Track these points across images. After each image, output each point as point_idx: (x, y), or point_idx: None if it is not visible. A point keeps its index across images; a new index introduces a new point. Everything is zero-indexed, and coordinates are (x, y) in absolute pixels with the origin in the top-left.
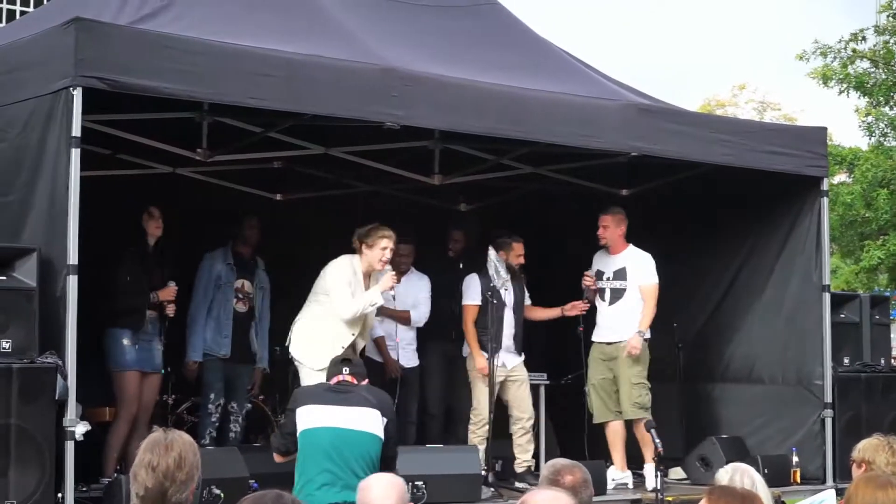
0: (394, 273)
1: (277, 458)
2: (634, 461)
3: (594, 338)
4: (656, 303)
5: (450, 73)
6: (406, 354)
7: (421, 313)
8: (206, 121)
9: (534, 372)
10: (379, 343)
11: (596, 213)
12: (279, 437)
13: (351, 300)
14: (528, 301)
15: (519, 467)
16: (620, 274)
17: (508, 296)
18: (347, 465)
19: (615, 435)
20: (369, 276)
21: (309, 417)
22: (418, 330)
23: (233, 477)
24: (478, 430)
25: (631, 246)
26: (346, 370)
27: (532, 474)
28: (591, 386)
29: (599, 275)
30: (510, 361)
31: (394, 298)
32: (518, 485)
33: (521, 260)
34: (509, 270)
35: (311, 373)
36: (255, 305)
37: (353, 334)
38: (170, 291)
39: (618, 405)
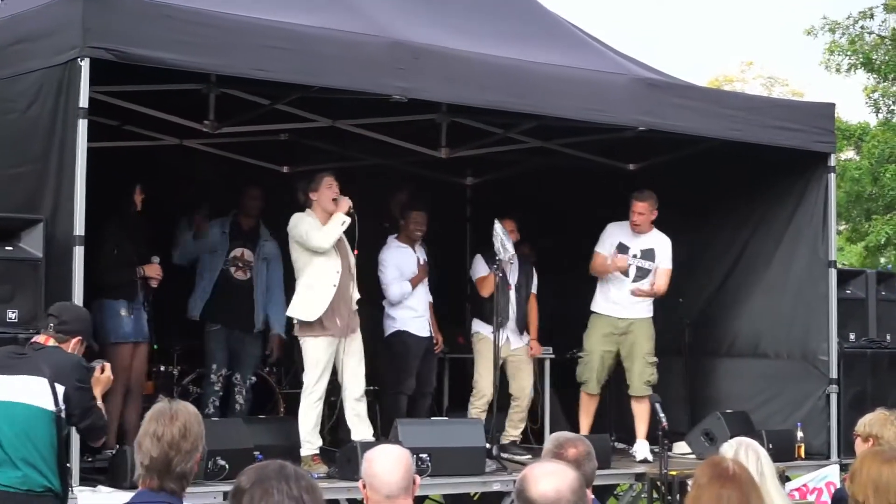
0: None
1: None
2: (629, 437)
3: (603, 311)
4: None
5: (458, 47)
6: (424, 324)
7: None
8: (213, 93)
9: (540, 347)
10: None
11: (602, 187)
12: None
13: (318, 231)
14: (534, 289)
15: (505, 439)
16: (649, 254)
17: (512, 277)
18: (9, 442)
19: (593, 404)
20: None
21: None
22: None
23: (237, 448)
24: (476, 403)
25: (654, 228)
26: (51, 325)
27: (517, 447)
28: (589, 357)
29: (623, 248)
30: (514, 342)
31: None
32: (503, 455)
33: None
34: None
35: (313, 341)
36: (257, 275)
37: (337, 271)
38: (154, 268)
39: (606, 379)
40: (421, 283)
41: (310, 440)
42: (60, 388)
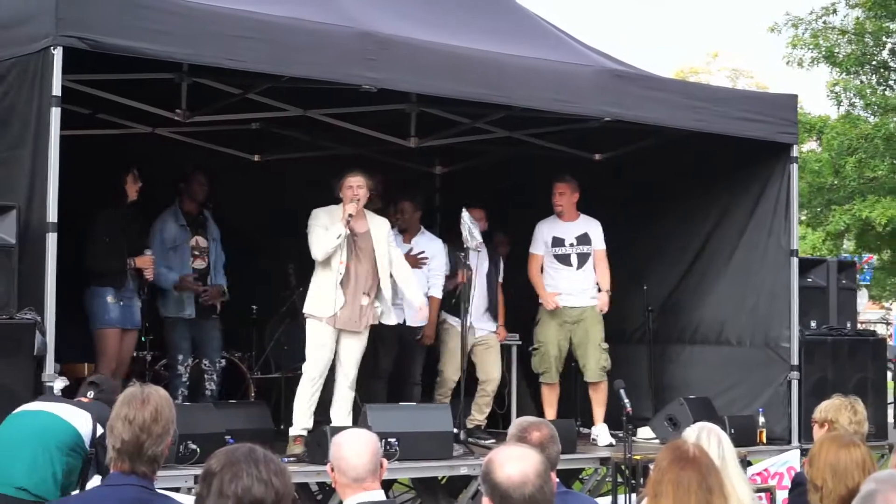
0: (354, 203)
1: None
2: (587, 422)
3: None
4: None
5: (427, 38)
6: (398, 312)
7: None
8: (185, 82)
9: (507, 333)
10: (431, 301)
11: (567, 175)
12: None
13: (318, 240)
14: (500, 278)
15: (470, 423)
16: (584, 239)
17: (481, 264)
18: (31, 446)
19: (555, 394)
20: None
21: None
22: None
23: (209, 432)
24: (440, 391)
25: (581, 213)
26: (90, 393)
27: (482, 431)
28: (546, 348)
29: (558, 242)
30: (479, 329)
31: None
32: (469, 439)
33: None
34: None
35: (317, 324)
36: (212, 260)
37: (340, 272)
38: (146, 260)
39: (563, 367)
40: None
41: (299, 419)
42: (100, 430)
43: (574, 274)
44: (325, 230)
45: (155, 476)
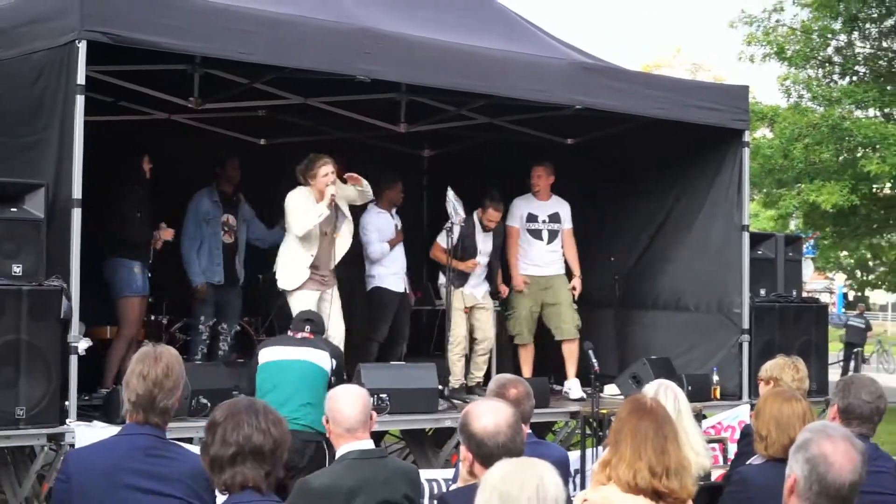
0: (334, 186)
1: None
2: (559, 380)
3: (526, 272)
4: None
5: (416, 33)
6: (399, 281)
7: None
8: (197, 73)
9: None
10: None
11: (544, 159)
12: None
13: (301, 217)
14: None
15: (471, 381)
16: (555, 217)
17: (481, 243)
18: (296, 387)
19: (530, 354)
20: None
21: (268, 354)
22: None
23: (218, 388)
24: (456, 350)
25: (554, 194)
26: (307, 328)
27: (481, 388)
28: (518, 312)
29: (532, 218)
30: (479, 292)
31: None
32: (467, 396)
33: (490, 224)
34: (482, 227)
35: (305, 293)
36: (239, 237)
37: (311, 255)
38: (169, 233)
39: (535, 329)
40: (397, 246)
41: None
42: (334, 362)
43: (544, 247)
44: (304, 211)
45: (167, 426)
